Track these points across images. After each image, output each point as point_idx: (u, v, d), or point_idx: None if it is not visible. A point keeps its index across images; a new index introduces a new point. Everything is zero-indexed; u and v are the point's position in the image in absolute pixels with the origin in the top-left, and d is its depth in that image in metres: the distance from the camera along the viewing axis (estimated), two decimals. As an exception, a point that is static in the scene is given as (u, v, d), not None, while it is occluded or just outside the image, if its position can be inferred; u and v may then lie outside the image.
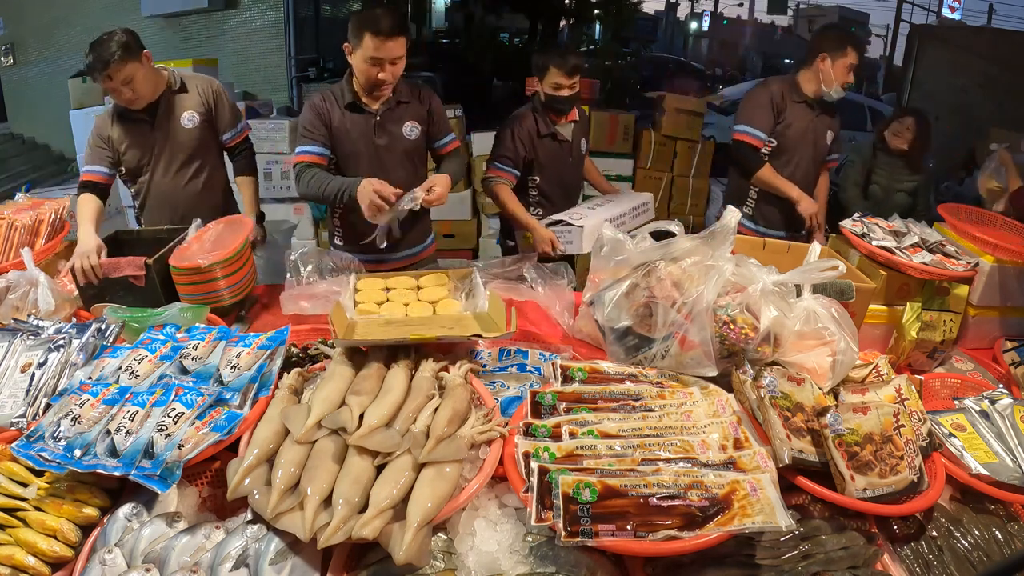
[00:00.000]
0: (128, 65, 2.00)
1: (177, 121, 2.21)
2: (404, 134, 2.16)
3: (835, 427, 1.13)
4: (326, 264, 1.88)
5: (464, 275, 1.73)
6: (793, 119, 2.58)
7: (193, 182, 2.28)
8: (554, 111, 2.51)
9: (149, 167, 2.23)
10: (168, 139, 2.21)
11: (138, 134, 2.19)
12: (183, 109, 2.22)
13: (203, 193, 2.31)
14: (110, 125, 2.18)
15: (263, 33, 6.44)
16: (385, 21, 1.92)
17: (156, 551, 1.01)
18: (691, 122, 4.79)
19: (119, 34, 2.01)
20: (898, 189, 3.25)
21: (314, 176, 2.05)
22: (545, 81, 2.45)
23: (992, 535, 1.17)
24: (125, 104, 2.12)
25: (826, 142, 2.68)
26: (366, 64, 1.98)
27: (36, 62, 7.12)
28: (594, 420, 1.18)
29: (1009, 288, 1.76)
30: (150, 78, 2.11)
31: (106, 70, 1.98)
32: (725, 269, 1.34)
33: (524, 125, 2.49)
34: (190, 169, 2.27)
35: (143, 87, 2.08)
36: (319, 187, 2.03)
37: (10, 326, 1.50)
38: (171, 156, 2.23)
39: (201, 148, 2.28)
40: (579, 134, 2.64)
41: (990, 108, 5.92)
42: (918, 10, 19.06)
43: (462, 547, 1.04)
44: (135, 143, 2.19)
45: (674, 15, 25.91)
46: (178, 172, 2.25)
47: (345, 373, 1.27)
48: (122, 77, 2.01)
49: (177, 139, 2.22)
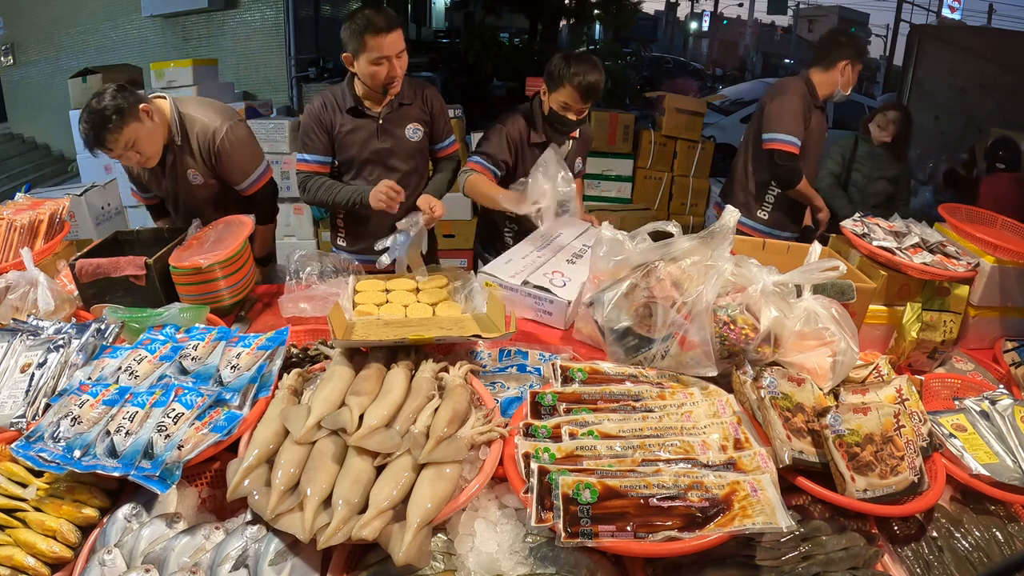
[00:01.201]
0: (126, 129, 1.82)
1: (185, 177, 2.06)
2: (407, 136, 2.16)
3: (835, 428, 1.13)
4: (326, 266, 1.88)
5: (464, 277, 1.73)
6: (813, 124, 2.64)
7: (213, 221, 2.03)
8: (553, 129, 2.25)
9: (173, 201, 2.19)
10: (180, 191, 2.11)
11: (154, 178, 2.11)
12: (186, 167, 2.04)
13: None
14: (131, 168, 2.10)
15: (263, 33, 6.44)
16: (378, 18, 1.92)
17: (156, 552, 1.01)
18: (691, 122, 4.79)
19: (108, 97, 1.79)
20: (879, 177, 3.33)
21: (322, 185, 2.10)
22: (555, 94, 2.15)
23: (992, 535, 1.16)
24: (138, 166, 1.99)
25: (825, 142, 2.84)
26: (372, 66, 1.96)
27: (36, 62, 7.11)
28: (594, 421, 1.18)
29: (1009, 288, 1.76)
30: (155, 134, 1.91)
31: (104, 143, 1.82)
32: (725, 269, 1.34)
33: (516, 128, 2.24)
34: (209, 213, 2.10)
35: (149, 146, 1.90)
36: (329, 196, 2.09)
37: (10, 326, 1.50)
38: (187, 204, 2.15)
39: (217, 197, 2.13)
40: (576, 153, 2.41)
41: (990, 108, 5.92)
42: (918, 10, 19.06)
43: (462, 548, 1.04)
44: (153, 182, 2.14)
45: (674, 15, 25.92)
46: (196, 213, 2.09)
47: (345, 374, 1.27)
48: (123, 143, 1.84)
49: (189, 192, 2.11)
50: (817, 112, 2.65)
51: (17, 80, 7.35)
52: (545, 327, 1.78)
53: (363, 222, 2.22)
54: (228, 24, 6.48)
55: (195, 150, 2.01)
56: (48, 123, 7.28)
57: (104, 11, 6.42)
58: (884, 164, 3.33)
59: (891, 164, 3.34)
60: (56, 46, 6.86)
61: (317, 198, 2.11)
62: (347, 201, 2.07)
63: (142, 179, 2.18)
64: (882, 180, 3.33)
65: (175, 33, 6.42)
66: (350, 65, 2.02)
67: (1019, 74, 5.71)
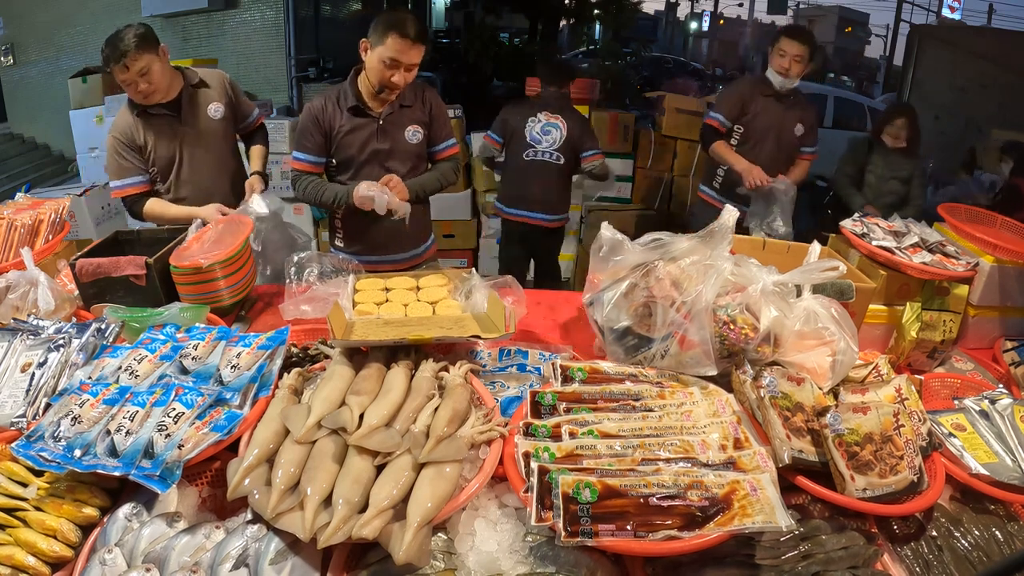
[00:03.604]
0: (145, 55, 2.02)
1: (204, 113, 2.25)
2: (406, 138, 2.17)
3: (835, 427, 1.13)
4: (326, 267, 1.88)
5: (464, 276, 1.73)
6: (760, 111, 2.94)
7: (222, 171, 2.32)
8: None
9: (179, 161, 2.24)
10: (198, 132, 2.24)
11: (166, 129, 2.20)
12: (208, 101, 2.26)
13: (231, 182, 2.35)
14: (136, 129, 2.17)
15: (263, 33, 6.43)
16: (412, 26, 1.96)
17: (156, 551, 1.01)
18: (691, 122, 4.78)
19: (136, 26, 2.04)
20: (891, 177, 3.48)
21: (310, 183, 2.17)
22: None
23: (992, 535, 1.17)
24: (140, 97, 2.11)
25: (794, 134, 2.97)
26: (382, 64, 1.99)
27: (36, 62, 7.10)
28: (594, 420, 1.18)
29: (1009, 288, 1.76)
30: (166, 72, 2.12)
31: (123, 59, 1.99)
32: (724, 268, 1.34)
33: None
34: (219, 159, 2.31)
35: (159, 79, 2.09)
36: (316, 195, 2.16)
37: (10, 326, 1.50)
38: (201, 148, 2.26)
39: (227, 138, 2.35)
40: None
41: (990, 108, 5.92)
42: (918, 10, 19.05)
43: (462, 547, 1.04)
44: (164, 139, 2.20)
45: (674, 15, 25.91)
46: (208, 163, 2.28)
47: (345, 373, 1.27)
48: (139, 68, 2.02)
49: (206, 131, 2.25)
50: (767, 101, 2.93)
51: (17, 80, 7.35)
52: (545, 327, 1.78)
53: (360, 223, 2.22)
54: (228, 24, 6.47)
55: (214, 85, 2.29)
56: (48, 123, 7.28)
57: (104, 11, 6.41)
58: (895, 165, 3.47)
59: (902, 164, 3.48)
60: (56, 46, 6.85)
61: (306, 195, 2.18)
62: (332, 200, 2.14)
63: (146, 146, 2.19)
64: (894, 180, 3.47)
65: (175, 33, 6.41)
66: (364, 52, 2.03)
67: (1019, 74, 5.71)
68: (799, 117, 2.97)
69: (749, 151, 2.94)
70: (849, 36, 26.03)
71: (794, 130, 2.97)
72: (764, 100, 2.94)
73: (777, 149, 2.96)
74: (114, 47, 2.00)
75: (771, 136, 2.96)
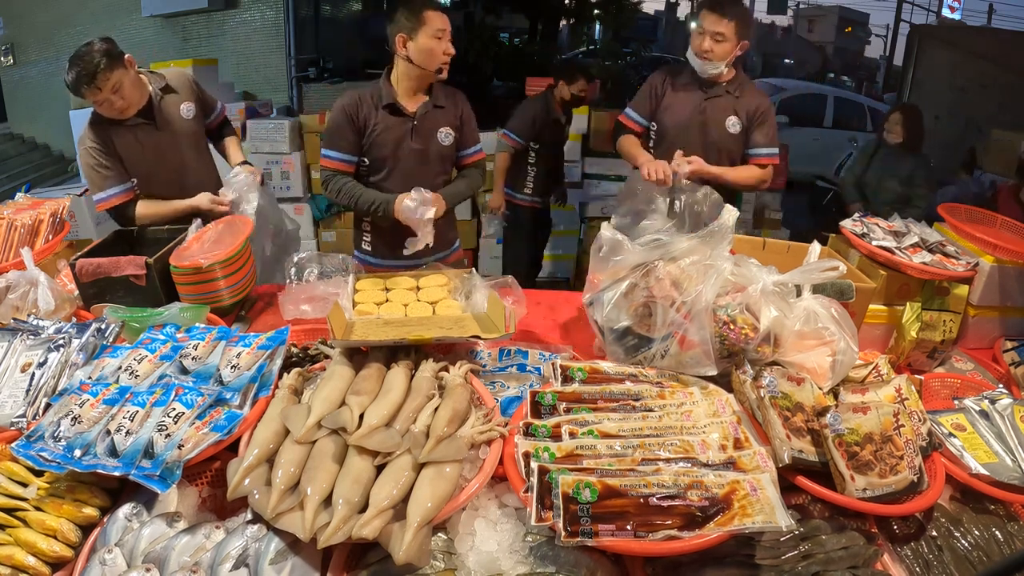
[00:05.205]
0: (115, 72, 1.96)
1: (178, 115, 2.23)
2: (439, 139, 2.14)
3: (835, 427, 1.13)
4: (326, 267, 1.88)
5: (464, 276, 1.73)
6: (673, 102, 2.42)
7: (197, 170, 2.31)
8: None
9: (162, 167, 2.21)
10: (174, 135, 2.22)
11: (143, 137, 2.15)
12: (179, 102, 2.24)
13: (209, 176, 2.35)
14: (111, 140, 2.11)
15: (263, 33, 6.42)
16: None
17: (156, 551, 1.01)
18: (691, 122, 4.78)
19: (97, 43, 1.96)
20: (890, 176, 3.45)
21: (344, 185, 2.08)
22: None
23: (992, 535, 1.17)
24: (117, 114, 2.06)
25: (726, 129, 2.35)
26: (434, 41, 1.97)
27: (36, 62, 7.10)
28: (594, 420, 1.18)
29: (1009, 288, 1.76)
30: (137, 83, 2.08)
31: (94, 82, 1.93)
32: (724, 268, 1.34)
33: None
34: (198, 156, 2.31)
35: (131, 92, 2.05)
36: (350, 198, 2.08)
37: (10, 326, 1.50)
38: (180, 150, 2.25)
39: (200, 136, 2.36)
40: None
41: (990, 108, 5.93)
42: (918, 10, 19.02)
43: (462, 547, 1.04)
44: (141, 148, 2.16)
45: (674, 15, 25.87)
46: (189, 163, 2.27)
47: (345, 373, 1.27)
48: (111, 86, 1.97)
49: (182, 132, 2.24)
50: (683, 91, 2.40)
51: (17, 80, 7.35)
52: (545, 327, 1.78)
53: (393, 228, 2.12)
54: (228, 24, 6.47)
55: (180, 86, 2.26)
56: (48, 123, 7.28)
57: (104, 11, 6.41)
58: (893, 164, 3.44)
59: (900, 164, 3.44)
60: (56, 46, 6.85)
61: (340, 198, 2.10)
62: (370, 207, 2.04)
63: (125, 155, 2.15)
64: (892, 180, 3.42)
65: (175, 33, 6.41)
66: (403, 47, 1.99)
67: (1019, 74, 5.71)
68: (731, 109, 2.33)
69: (665, 152, 2.29)
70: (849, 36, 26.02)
71: (725, 125, 2.34)
72: (680, 91, 2.40)
73: (702, 149, 2.29)
74: (81, 69, 1.92)
75: (691, 132, 2.36)
